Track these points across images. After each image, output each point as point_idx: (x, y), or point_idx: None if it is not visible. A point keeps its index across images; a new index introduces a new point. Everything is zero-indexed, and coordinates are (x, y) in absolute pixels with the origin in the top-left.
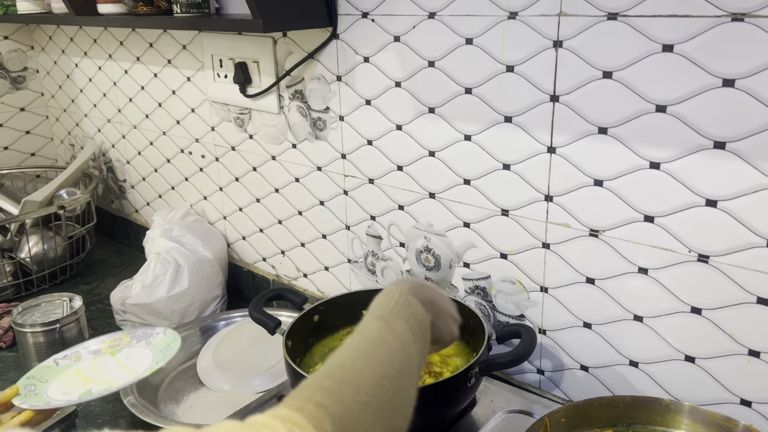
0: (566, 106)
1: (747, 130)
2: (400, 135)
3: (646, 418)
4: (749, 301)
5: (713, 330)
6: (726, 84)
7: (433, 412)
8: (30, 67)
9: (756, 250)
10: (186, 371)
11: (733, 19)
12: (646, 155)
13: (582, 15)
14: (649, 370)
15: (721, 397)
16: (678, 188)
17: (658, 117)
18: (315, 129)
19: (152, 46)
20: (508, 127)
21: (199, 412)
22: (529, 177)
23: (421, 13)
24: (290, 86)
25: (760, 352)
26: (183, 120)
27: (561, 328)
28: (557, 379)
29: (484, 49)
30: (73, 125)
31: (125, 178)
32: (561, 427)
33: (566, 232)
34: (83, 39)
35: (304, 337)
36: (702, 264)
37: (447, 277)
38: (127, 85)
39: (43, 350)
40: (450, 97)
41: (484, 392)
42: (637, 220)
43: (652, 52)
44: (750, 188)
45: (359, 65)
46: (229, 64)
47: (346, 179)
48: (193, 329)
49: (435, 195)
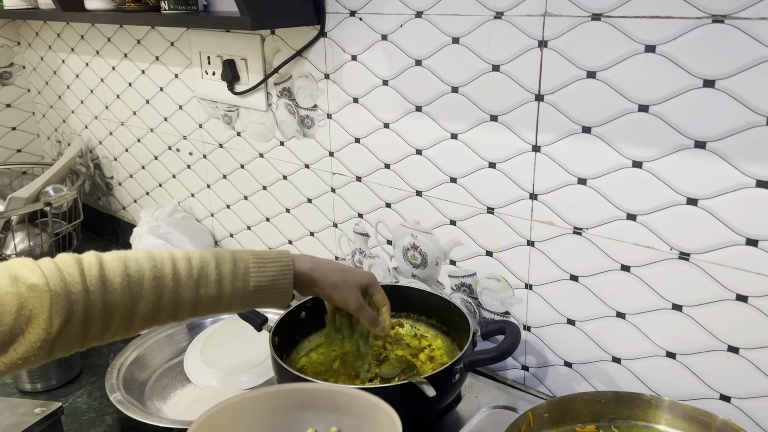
0: (551, 105)
1: (727, 130)
2: (387, 133)
3: (627, 413)
4: (728, 298)
5: (694, 326)
6: (707, 84)
7: (418, 407)
8: (16, 63)
9: (735, 248)
10: (173, 368)
11: (713, 21)
12: (629, 154)
13: (567, 15)
14: (631, 366)
15: (701, 393)
16: (660, 187)
17: (641, 117)
18: (303, 126)
19: (140, 42)
20: (494, 125)
21: (186, 408)
22: (514, 175)
23: (408, 12)
24: (278, 84)
25: (739, 348)
26: (171, 117)
27: (545, 324)
28: (541, 375)
29: (470, 49)
30: (60, 122)
31: (112, 174)
32: (544, 423)
33: (550, 230)
34: (70, 35)
35: (290, 333)
36: (683, 261)
37: (433, 275)
38: (114, 82)
39: None
40: (437, 96)
41: (469, 388)
42: (620, 218)
43: (634, 52)
44: (730, 187)
45: (347, 63)
46: (217, 61)
47: (334, 177)
48: (181, 326)
49: (422, 193)
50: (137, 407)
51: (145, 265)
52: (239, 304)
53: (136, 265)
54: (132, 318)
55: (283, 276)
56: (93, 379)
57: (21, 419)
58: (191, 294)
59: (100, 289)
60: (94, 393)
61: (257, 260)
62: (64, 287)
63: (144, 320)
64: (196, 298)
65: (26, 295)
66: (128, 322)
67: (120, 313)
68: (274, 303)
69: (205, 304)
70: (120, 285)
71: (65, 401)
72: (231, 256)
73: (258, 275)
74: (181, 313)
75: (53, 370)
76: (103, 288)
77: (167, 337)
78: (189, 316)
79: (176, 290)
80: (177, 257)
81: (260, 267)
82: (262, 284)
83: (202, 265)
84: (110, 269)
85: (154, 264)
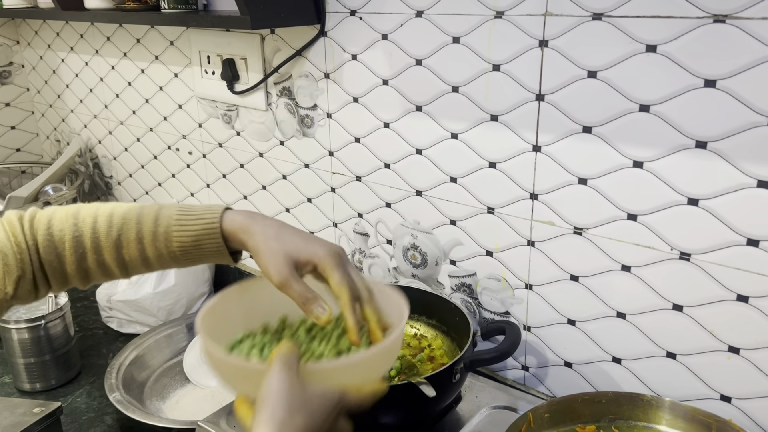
0: (551, 105)
1: (728, 130)
2: (387, 133)
3: (628, 413)
4: (729, 298)
5: (694, 327)
6: (708, 84)
7: (418, 407)
8: (15, 62)
9: (736, 248)
10: (172, 368)
11: (715, 21)
12: (630, 154)
13: (567, 15)
14: (631, 367)
15: (702, 393)
16: (660, 187)
17: (642, 116)
18: (303, 126)
19: (139, 41)
20: (494, 125)
21: (185, 408)
22: (515, 175)
23: (408, 12)
24: (278, 83)
25: (740, 348)
26: (170, 116)
27: (545, 324)
28: (541, 376)
29: (470, 48)
30: (59, 121)
31: (112, 174)
32: (544, 423)
33: (551, 230)
34: (70, 34)
35: None
36: (684, 262)
37: (433, 275)
38: (113, 81)
39: (28, 347)
40: (437, 96)
41: (470, 388)
42: (621, 218)
43: (635, 52)
44: (730, 187)
45: (347, 63)
46: (216, 60)
47: (334, 176)
48: (180, 326)
49: (422, 193)
50: (136, 407)
51: (67, 223)
52: (170, 262)
53: (60, 224)
54: (65, 277)
55: (207, 235)
56: (92, 379)
57: (20, 419)
58: (114, 255)
59: (32, 245)
60: (93, 393)
61: (180, 216)
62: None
63: (77, 278)
64: (120, 258)
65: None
66: (64, 280)
67: (50, 270)
68: (213, 259)
69: (133, 264)
70: (42, 243)
71: (64, 401)
72: (155, 213)
73: (180, 235)
74: (112, 273)
75: (52, 369)
76: (32, 243)
77: (166, 337)
78: (125, 276)
79: (97, 251)
80: (99, 214)
81: (181, 225)
82: (185, 244)
83: (122, 224)
84: (37, 227)
85: (75, 222)
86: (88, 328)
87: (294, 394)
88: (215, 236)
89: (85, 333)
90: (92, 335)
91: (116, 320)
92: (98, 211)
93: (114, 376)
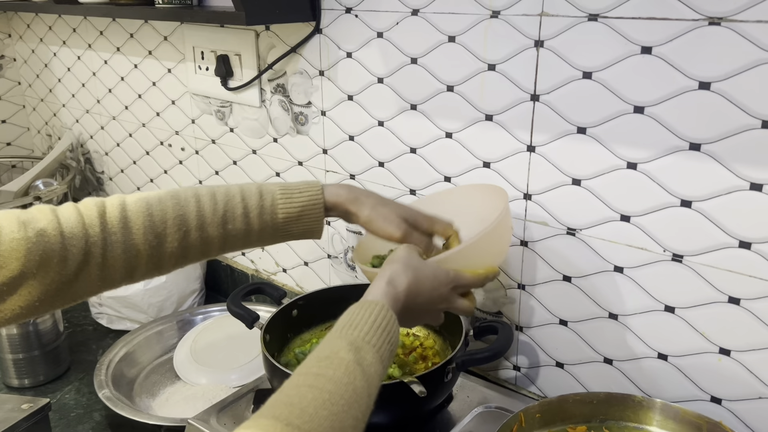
0: (546, 105)
1: (722, 133)
2: (381, 131)
3: (619, 414)
4: (721, 300)
5: (686, 328)
6: (702, 87)
7: (409, 407)
8: (7, 56)
9: (728, 251)
10: (162, 365)
11: (710, 23)
12: (624, 155)
13: (563, 15)
14: (623, 367)
15: (693, 395)
16: (654, 188)
17: (636, 118)
18: (296, 123)
19: (133, 36)
20: (489, 125)
21: (175, 406)
22: (509, 175)
23: (404, 10)
24: (272, 80)
25: (731, 350)
26: (163, 112)
27: (537, 325)
28: (533, 376)
29: (466, 48)
30: (51, 115)
31: (103, 169)
32: (536, 423)
33: (544, 230)
34: (62, 28)
35: (282, 331)
36: (676, 263)
37: None
38: (106, 76)
39: (17, 342)
40: (432, 95)
41: (461, 388)
42: (614, 219)
43: (630, 53)
44: (724, 189)
45: (342, 60)
46: (210, 56)
47: (327, 174)
48: (171, 323)
49: (416, 191)
50: (126, 404)
51: (168, 204)
52: (270, 236)
53: (159, 205)
54: (160, 258)
55: (312, 206)
56: (81, 376)
57: (8, 415)
58: (218, 230)
59: (122, 230)
60: (82, 389)
61: (284, 191)
62: (82, 230)
63: (173, 259)
64: (224, 233)
65: (34, 240)
66: (157, 261)
67: (147, 253)
68: (306, 234)
69: (234, 239)
70: (143, 225)
71: (53, 397)
72: (257, 189)
73: (286, 206)
74: (211, 250)
75: (41, 365)
76: (124, 229)
77: (157, 334)
78: (220, 252)
79: (202, 227)
80: (201, 194)
81: (287, 198)
82: (291, 215)
83: (227, 200)
84: (132, 210)
85: (177, 202)
86: (78, 324)
87: (411, 260)
88: (318, 208)
89: (74, 329)
90: (82, 331)
91: (106, 316)
92: (198, 191)
93: (103, 372)
